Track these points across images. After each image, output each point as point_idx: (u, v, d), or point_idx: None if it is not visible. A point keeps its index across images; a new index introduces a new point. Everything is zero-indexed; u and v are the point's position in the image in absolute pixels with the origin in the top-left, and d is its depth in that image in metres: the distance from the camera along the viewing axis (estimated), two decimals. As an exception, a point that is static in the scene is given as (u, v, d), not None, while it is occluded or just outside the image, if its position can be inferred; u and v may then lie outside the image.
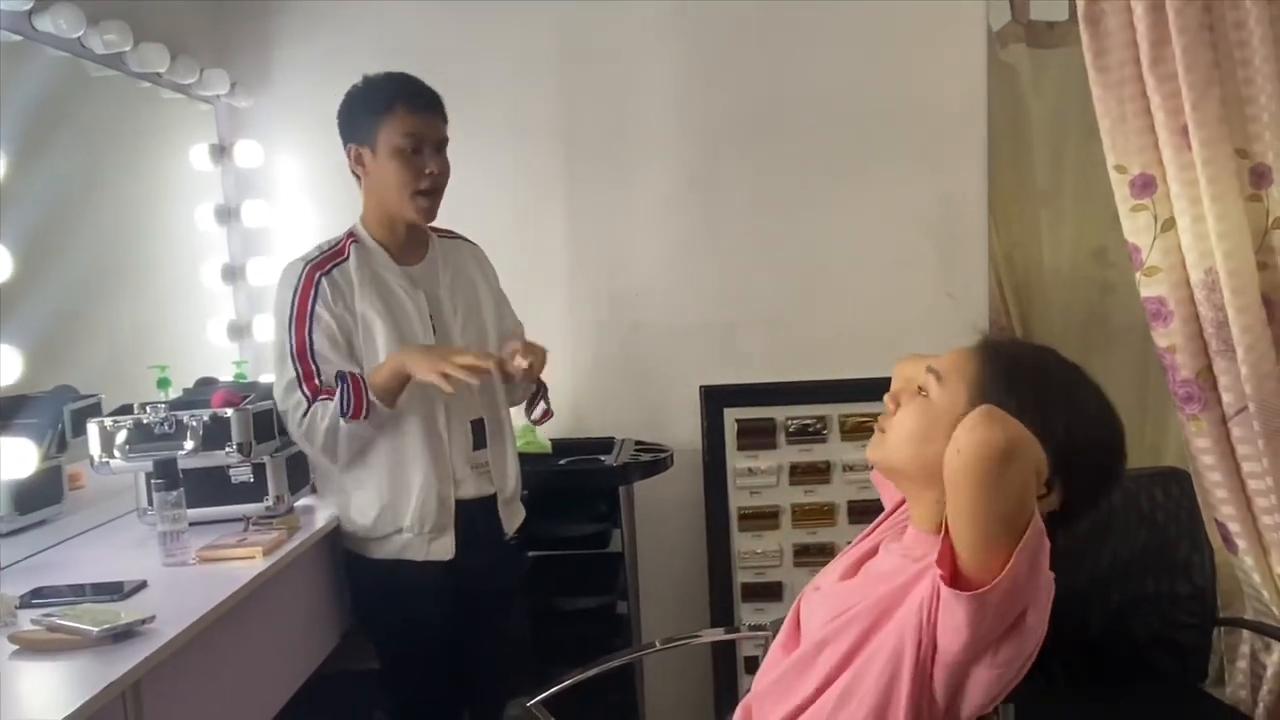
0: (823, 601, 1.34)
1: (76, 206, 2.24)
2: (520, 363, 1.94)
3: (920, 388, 1.27)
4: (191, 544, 1.77)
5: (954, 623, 1.10)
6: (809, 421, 2.75)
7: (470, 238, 2.23)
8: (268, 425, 1.97)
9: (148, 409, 1.84)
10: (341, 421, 1.88)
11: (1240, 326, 1.95)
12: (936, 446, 1.14)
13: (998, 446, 1.04)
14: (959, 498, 1.08)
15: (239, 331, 2.76)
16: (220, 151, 2.71)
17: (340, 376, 1.91)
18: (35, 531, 1.93)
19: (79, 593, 1.57)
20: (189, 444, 1.83)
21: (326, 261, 2.00)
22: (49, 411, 2.02)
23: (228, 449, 1.86)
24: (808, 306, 2.80)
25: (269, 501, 1.98)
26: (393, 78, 2.02)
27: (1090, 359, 3.43)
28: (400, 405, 1.94)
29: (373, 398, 1.90)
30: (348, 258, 2.01)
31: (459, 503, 2.06)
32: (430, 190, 2.00)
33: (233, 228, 2.75)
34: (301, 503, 2.14)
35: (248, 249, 2.79)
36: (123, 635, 1.39)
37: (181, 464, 1.85)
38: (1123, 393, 3.27)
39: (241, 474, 1.96)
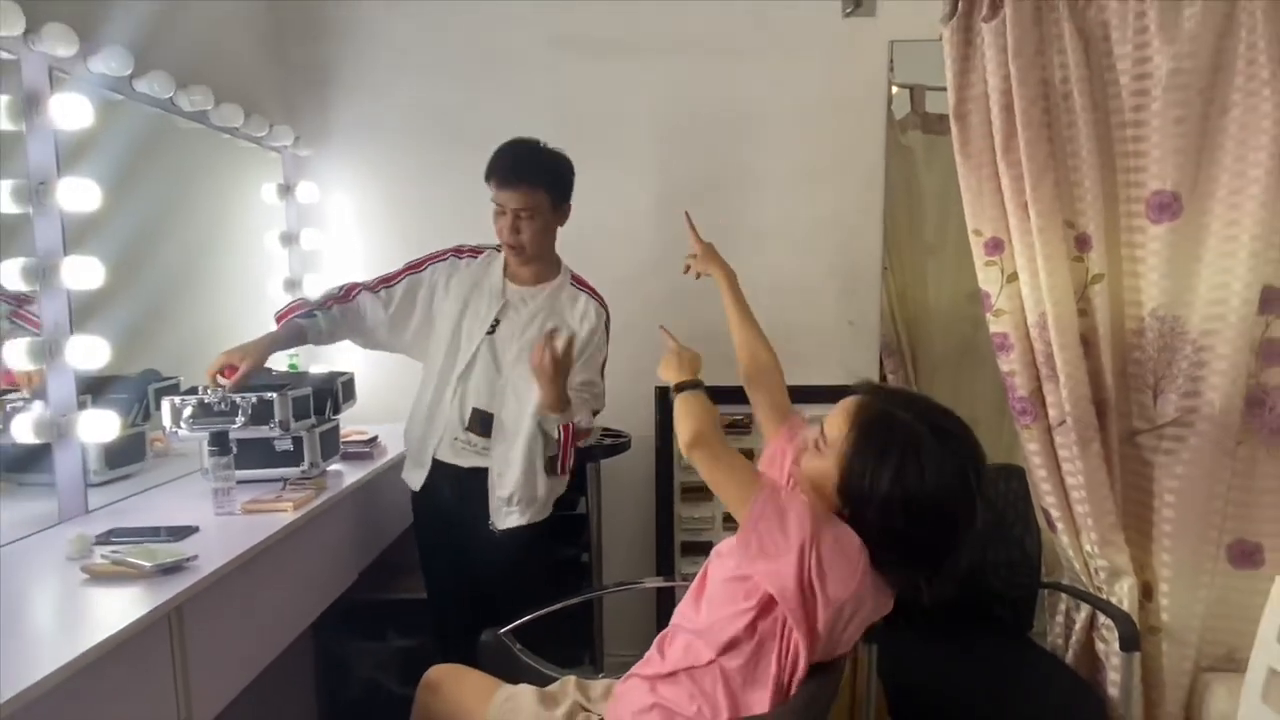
0: (720, 560, 1.36)
1: (165, 231, 2.23)
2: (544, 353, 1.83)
3: (815, 442, 1.31)
4: (238, 498, 1.76)
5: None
6: (738, 418, 2.75)
7: (602, 300, 2.07)
8: (305, 407, 1.96)
9: (209, 391, 1.82)
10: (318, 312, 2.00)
11: (1062, 359, 1.96)
12: (823, 494, 1.26)
13: (687, 443, 1.31)
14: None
15: (295, 331, 2.74)
16: (285, 190, 2.70)
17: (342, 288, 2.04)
18: (121, 483, 1.93)
19: (143, 534, 1.56)
20: (240, 420, 1.82)
21: (466, 251, 2.08)
22: (136, 389, 2.02)
23: (271, 425, 1.85)
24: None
25: (304, 466, 1.96)
26: (499, 150, 1.95)
27: (963, 378, 3.47)
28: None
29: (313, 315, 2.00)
30: (477, 258, 2.07)
31: (437, 461, 2.01)
32: (511, 246, 1.97)
33: (293, 250, 2.74)
34: (333, 468, 2.13)
35: (305, 267, 2.78)
36: (172, 569, 1.38)
37: (235, 435, 1.84)
38: (988, 405, 3.31)
39: (283, 444, 1.94)
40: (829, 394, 2.81)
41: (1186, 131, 1.85)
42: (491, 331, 1.99)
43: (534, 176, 1.94)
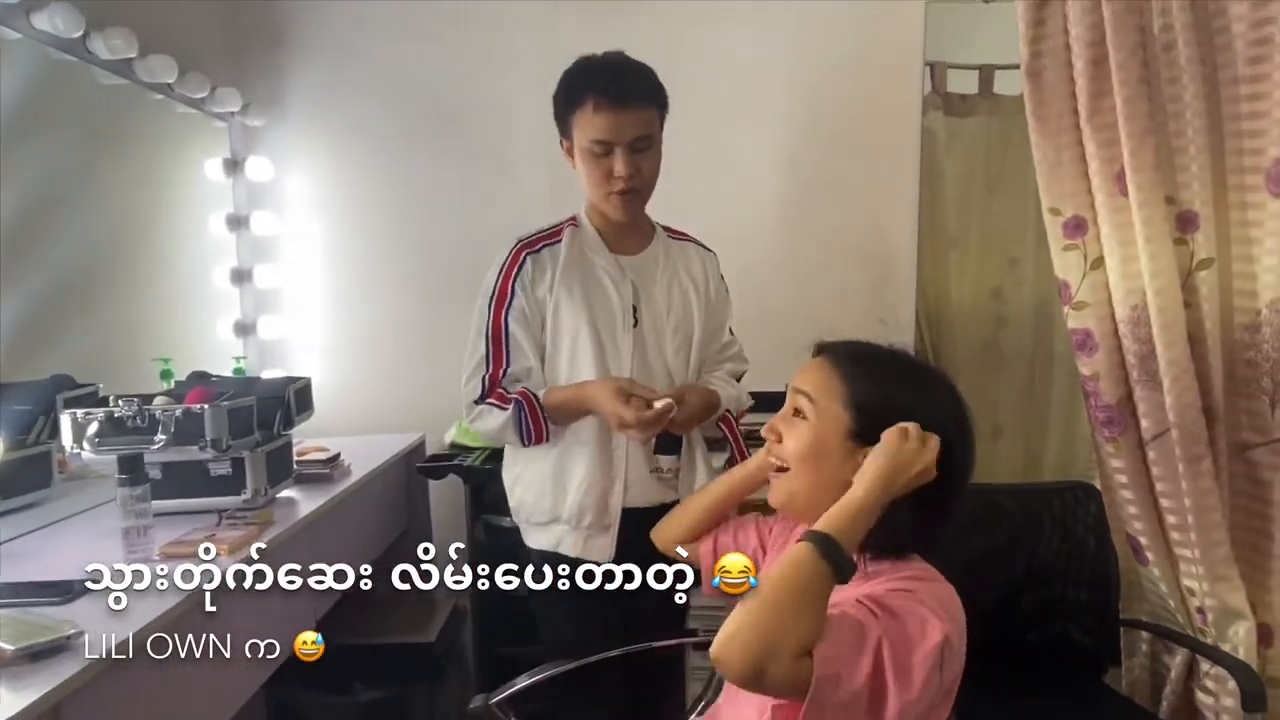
0: None
1: (82, 208, 1.83)
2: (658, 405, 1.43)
3: (796, 410, 1.06)
4: (157, 539, 1.36)
5: None
6: (754, 427, 2.41)
7: (705, 245, 1.66)
8: (246, 421, 1.57)
9: (120, 402, 1.43)
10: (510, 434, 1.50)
11: (1167, 359, 1.63)
12: (830, 462, 1.01)
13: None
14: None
15: (244, 329, 2.35)
16: (233, 166, 2.30)
17: (518, 404, 1.48)
18: (16, 516, 1.53)
19: (20, 593, 1.17)
20: (161, 438, 1.43)
21: (538, 241, 1.55)
22: (41, 398, 1.62)
23: (201, 445, 1.46)
24: (762, 324, 2.47)
25: (246, 495, 1.57)
26: (589, 65, 1.50)
27: (986, 382, 3.20)
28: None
29: (548, 421, 1.49)
30: (560, 240, 1.55)
31: (627, 511, 1.53)
32: (625, 191, 1.50)
33: (242, 235, 2.34)
34: (284, 494, 1.74)
35: (256, 255, 2.38)
36: (44, 653, 1.00)
37: (160, 456, 1.46)
38: (1012, 412, 3.05)
39: (220, 468, 1.55)
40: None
41: (1317, 88, 1.53)
42: (635, 324, 1.55)
43: (649, 93, 1.49)
